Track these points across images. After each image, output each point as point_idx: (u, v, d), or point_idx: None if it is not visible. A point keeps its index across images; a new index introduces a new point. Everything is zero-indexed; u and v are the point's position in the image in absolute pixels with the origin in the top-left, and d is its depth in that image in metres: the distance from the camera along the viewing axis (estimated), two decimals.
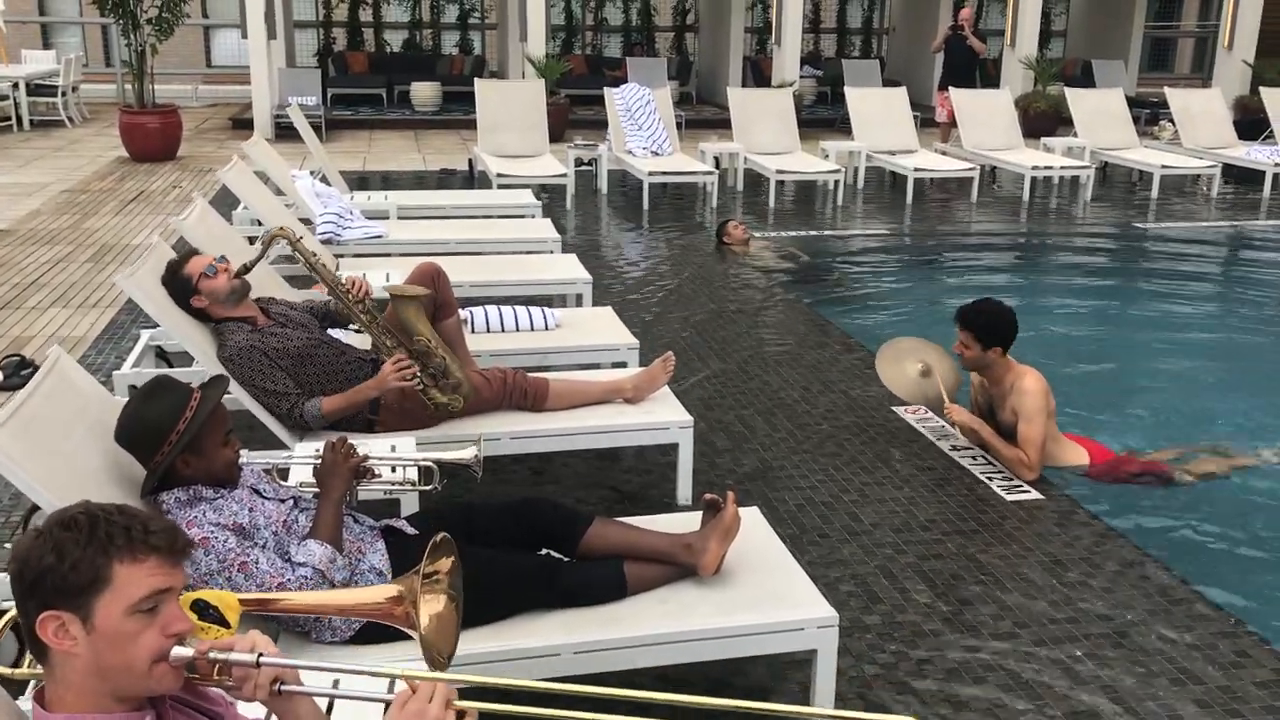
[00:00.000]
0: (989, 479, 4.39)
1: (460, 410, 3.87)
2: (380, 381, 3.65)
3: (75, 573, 1.51)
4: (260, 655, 1.61)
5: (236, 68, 18.01)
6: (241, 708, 1.79)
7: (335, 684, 2.02)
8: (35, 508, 2.34)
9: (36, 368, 4.87)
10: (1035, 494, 4.26)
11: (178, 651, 1.58)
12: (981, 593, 3.58)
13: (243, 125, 14.41)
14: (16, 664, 1.81)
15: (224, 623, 1.99)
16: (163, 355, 4.88)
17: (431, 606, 1.94)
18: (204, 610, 1.96)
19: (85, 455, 2.54)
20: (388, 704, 2.18)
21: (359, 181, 10.51)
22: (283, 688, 1.64)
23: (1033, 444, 4.36)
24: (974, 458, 4.58)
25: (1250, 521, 4.30)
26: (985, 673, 3.15)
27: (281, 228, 3.94)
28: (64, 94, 14.66)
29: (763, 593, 2.89)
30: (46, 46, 18.76)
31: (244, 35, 13.78)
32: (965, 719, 2.96)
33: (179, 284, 3.68)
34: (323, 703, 1.92)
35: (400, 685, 1.63)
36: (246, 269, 3.75)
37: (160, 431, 2.48)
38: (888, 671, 3.16)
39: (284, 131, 12.75)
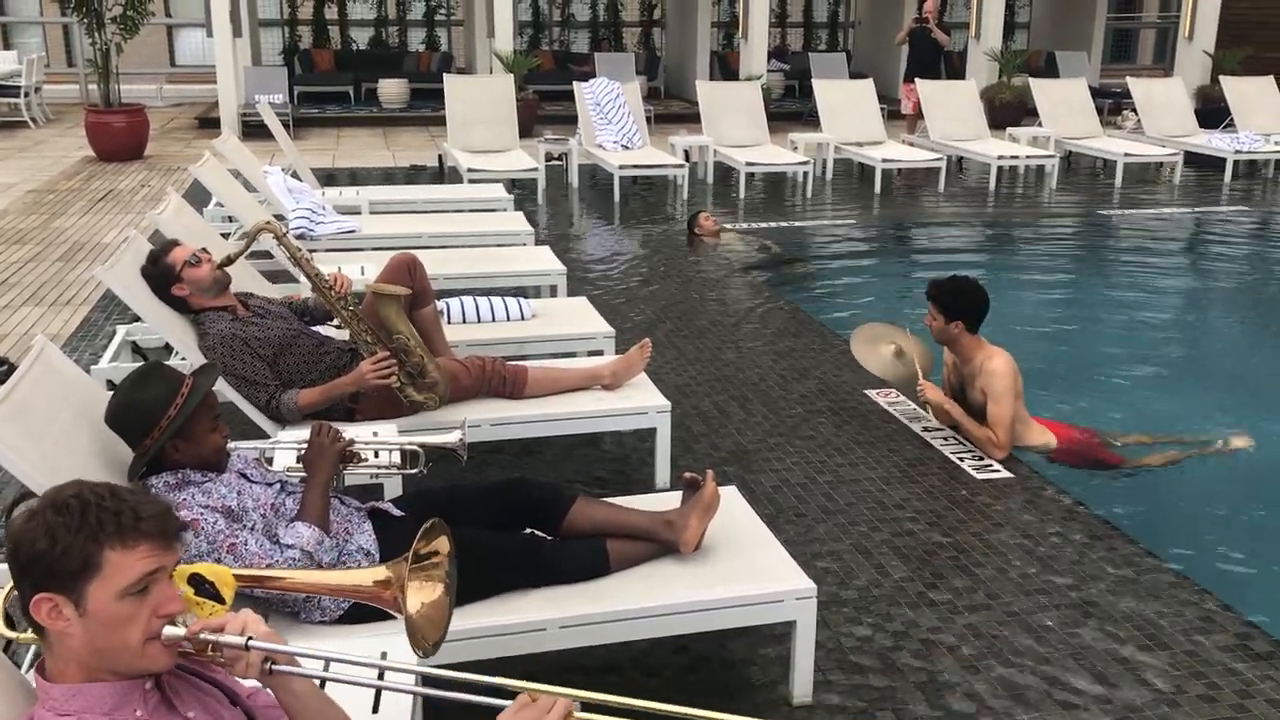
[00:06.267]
0: (960, 459, 4.47)
1: (436, 408, 3.90)
2: (358, 378, 3.68)
3: (66, 558, 1.53)
4: (249, 639, 1.64)
5: (201, 67, 17.88)
6: None
7: (326, 665, 2.05)
8: (26, 493, 2.37)
9: (12, 365, 4.87)
10: (1005, 472, 4.35)
11: (169, 631, 1.61)
12: (954, 567, 3.66)
13: (209, 124, 14.33)
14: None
15: (219, 598, 2.03)
16: (139, 350, 4.90)
17: (426, 593, 1.98)
18: (200, 585, 2.00)
19: (73, 439, 2.57)
20: (378, 690, 2.23)
21: (328, 178, 10.47)
22: (274, 668, 1.67)
23: (1001, 424, 4.45)
24: (945, 439, 4.67)
25: (1211, 495, 4.42)
26: (959, 643, 3.23)
27: (268, 222, 3.96)
28: (27, 94, 14.52)
29: (742, 567, 2.96)
30: (7, 47, 18.58)
31: (209, 34, 13.71)
32: (940, 687, 3.04)
33: (161, 271, 3.70)
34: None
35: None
36: (230, 260, 3.78)
37: (152, 416, 2.52)
38: (864, 644, 3.23)
39: (251, 130, 12.69)
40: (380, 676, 2.10)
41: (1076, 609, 3.42)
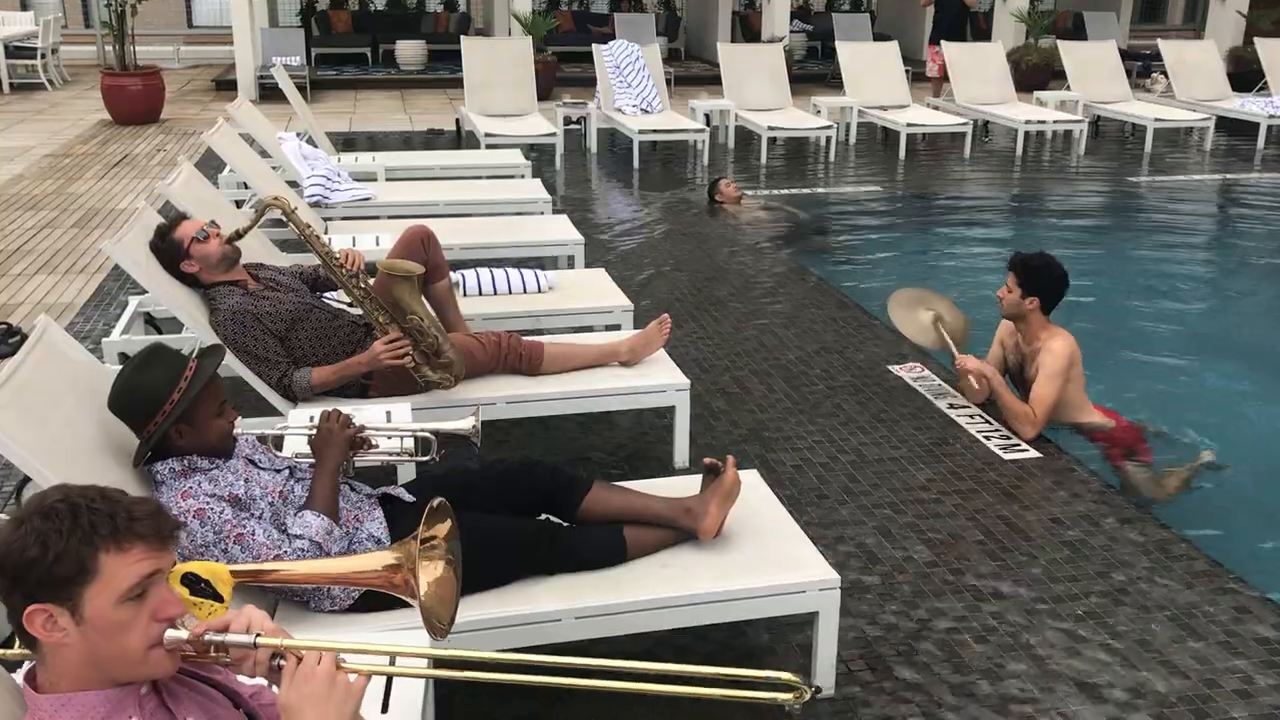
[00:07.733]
0: (986, 438, 4.37)
1: (451, 387, 3.81)
2: (371, 358, 3.60)
3: (60, 565, 1.46)
4: (257, 636, 1.58)
5: (218, 28, 17.75)
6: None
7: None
8: (26, 479, 2.30)
9: (24, 335, 4.82)
10: (1033, 453, 4.25)
11: (171, 635, 1.54)
12: (981, 551, 3.57)
13: (226, 87, 14.23)
14: (8, 644, 1.78)
15: (217, 596, 1.96)
16: (151, 321, 4.83)
17: (430, 573, 1.91)
18: (195, 584, 1.93)
19: (77, 425, 2.50)
20: (388, 689, 2.17)
21: (345, 143, 10.41)
22: (282, 663, 1.61)
23: (1043, 402, 4.30)
24: (971, 417, 4.56)
25: (1245, 480, 4.30)
26: (986, 632, 3.15)
27: (276, 197, 3.86)
28: (43, 56, 14.45)
29: (763, 556, 2.87)
30: (24, 8, 18.46)
31: None
32: (967, 678, 2.96)
33: (169, 248, 3.62)
34: None
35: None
36: (239, 235, 3.69)
37: (154, 400, 2.44)
38: (889, 632, 3.15)
39: (268, 93, 12.59)
40: (391, 664, 2.03)
41: (1107, 596, 3.32)
